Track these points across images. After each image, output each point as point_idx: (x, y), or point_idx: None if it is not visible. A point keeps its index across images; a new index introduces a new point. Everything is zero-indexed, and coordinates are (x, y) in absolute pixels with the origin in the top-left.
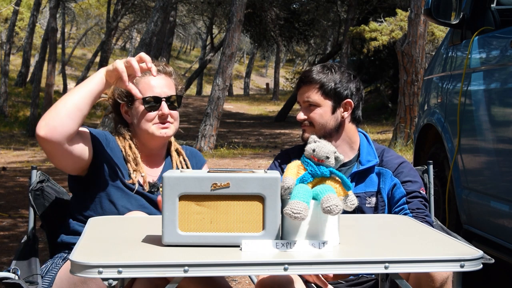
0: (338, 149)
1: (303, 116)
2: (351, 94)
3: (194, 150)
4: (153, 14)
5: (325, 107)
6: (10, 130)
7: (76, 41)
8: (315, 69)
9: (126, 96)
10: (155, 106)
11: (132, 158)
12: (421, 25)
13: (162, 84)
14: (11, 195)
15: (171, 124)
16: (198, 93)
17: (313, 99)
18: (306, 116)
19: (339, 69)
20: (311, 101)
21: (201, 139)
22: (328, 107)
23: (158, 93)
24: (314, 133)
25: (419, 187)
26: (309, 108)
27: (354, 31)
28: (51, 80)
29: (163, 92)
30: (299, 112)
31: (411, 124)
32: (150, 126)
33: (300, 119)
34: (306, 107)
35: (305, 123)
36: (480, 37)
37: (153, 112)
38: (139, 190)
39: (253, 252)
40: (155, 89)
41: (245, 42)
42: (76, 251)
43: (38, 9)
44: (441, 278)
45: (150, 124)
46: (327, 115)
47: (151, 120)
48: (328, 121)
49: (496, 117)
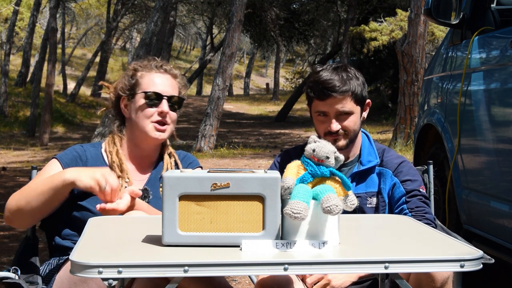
0: (350, 150)
1: (338, 126)
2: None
3: (188, 154)
4: (153, 14)
5: (357, 114)
6: (10, 130)
7: (76, 41)
8: (338, 78)
9: (129, 89)
10: (155, 103)
11: (116, 164)
12: (421, 25)
13: (166, 83)
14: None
15: (168, 126)
16: (198, 93)
17: (348, 108)
18: (340, 126)
19: (354, 71)
20: (347, 110)
21: (201, 139)
22: (358, 113)
23: (160, 90)
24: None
25: (418, 185)
26: (341, 117)
27: (354, 31)
28: (51, 80)
29: (166, 91)
30: (330, 124)
31: (411, 124)
32: (148, 123)
33: (336, 130)
34: (337, 116)
35: (340, 132)
36: (480, 37)
37: (153, 108)
38: None
39: (253, 252)
40: (158, 86)
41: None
42: (76, 251)
43: (38, 9)
44: (442, 278)
45: (148, 121)
46: (358, 120)
47: (149, 116)
48: (358, 126)
49: (496, 117)
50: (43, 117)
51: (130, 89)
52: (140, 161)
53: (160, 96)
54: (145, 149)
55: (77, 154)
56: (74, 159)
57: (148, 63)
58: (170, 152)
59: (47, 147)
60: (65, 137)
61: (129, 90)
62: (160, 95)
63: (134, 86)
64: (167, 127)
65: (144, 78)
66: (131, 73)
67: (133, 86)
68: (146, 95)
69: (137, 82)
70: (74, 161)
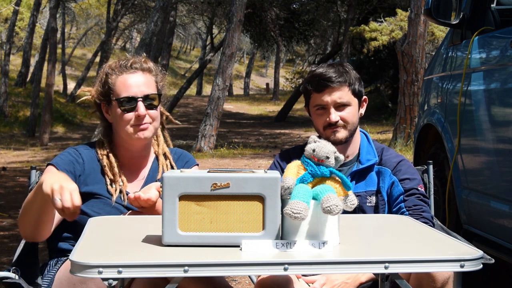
0: (349, 148)
1: (337, 117)
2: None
3: (184, 152)
4: (153, 14)
5: (354, 106)
6: (10, 130)
7: (76, 41)
8: (334, 70)
9: (104, 96)
10: (131, 107)
11: (108, 168)
12: (421, 25)
13: (139, 82)
14: (11, 195)
15: (150, 125)
16: (198, 93)
17: (346, 99)
18: (339, 117)
19: (348, 65)
20: (345, 101)
21: (201, 139)
22: (356, 106)
23: (134, 93)
24: (345, 133)
25: (416, 184)
26: (339, 108)
27: (354, 31)
28: (51, 80)
29: (140, 91)
30: (329, 115)
31: (411, 124)
32: (128, 128)
33: (335, 121)
34: (336, 107)
35: (339, 123)
36: (480, 37)
37: (130, 113)
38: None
39: (253, 252)
40: (131, 89)
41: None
42: (76, 251)
43: (38, 9)
44: (442, 279)
45: (128, 126)
46: (356, 113)
47: (128, 121)
48: (356, 119)
49: (496, 117)
50: (43, 117)
51: (105, 96)
52: (133, 161)
53: (134, 99)
54: (134, 151)
55: (73, 158)
56: (71, 163)
57: (117, 65)
58: (165, 153)
59: (47, 147)
60: (65, 137)
61: (104, 97)
62: (134, 98)
63: (108, 93)
64: (148, 125)
65: (116, 83)
66: (103, 79)
67: (107, 92)
68: (119, 102)
69: (109, 88)
70: (71, 165)
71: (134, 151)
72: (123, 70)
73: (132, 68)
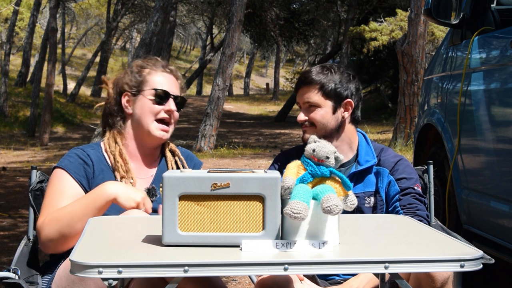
0: (338, 149)
1: (304, 117)
2: (351, 94)
3: (191, 154)
4: (153, 14)
5: (325, 108)
6: (10, 130)
7: (76, 41)
8: (315, 70)
9: (135, 86)
10: (163, 101)
11: (120, 165)
12: (421, 25)
13: (172, 82)
14: (11, 195)
15: (171, 127)
16: (198, 93)
17: (313, 100)
18: (307, 117)
19: (338, 69)
20: (312, 102)
21: (201, 139)
22: (329, 108)
23: (168, 89)
24: (315, 133)
25: (413, 183)
26: (310, 109)
27: (354, 31)
28: (51, 80)
29: (172, 90)
30: (299, 113)
31: (411, 124)
32: (152, 121)
33: (301, 120)
34: (306, 108)
35: (306, 123)
36: (480, 37)
37: (160, 106)
38: None
39: (253, 252)
40: (167, 85)
41: (245, 42)
42: (76, 251)
43: (38, 9)
44: (442, 278)
45: (152, 118)
46: (328, 115)
47: (156, 113)
48: (329, 121)
49: (496, 117)
50: (43, 117)
51: (136, 86)
52: (143, 158)
53: (168, 94)
54: (147, 147)
55: (82, 161)
56: (81, 168)
57: (155, 62)
58: (171, 149)
59: (47, 147)
60: (65, 137)
61: (135, 87)
62: (168, 94)
63: (141, 83)
64: (170, 127)
65: (152, 76)
66: (137, 69)
67: (140, 83)
68: (156, 92)
69: (144, 79)
70: (81, 168)
71: (148, 147)
72: (160, 68)
73: (168, 68)
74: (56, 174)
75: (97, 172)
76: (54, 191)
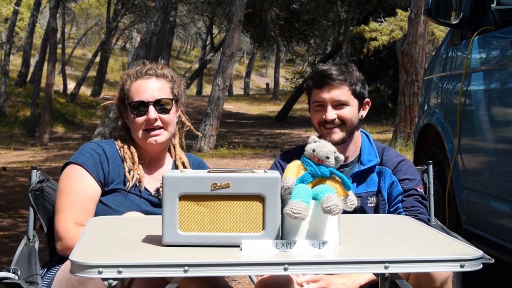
0: (347, 149)
1: (334, 115)
2: (367, 93)
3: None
4: (153, 14)
5: (353, 106)
6: (10, 130)
7: (76, 41)
8: (336, 68)
9: (121, 101)
10: (142, 111)
11: (128, 156)
12: (421, 25)
13: (152, 88)
14: (11, 195)
15: (163, 130)
16: (198, 93)
17: (345, 98)
18: (336, 115)
19: (354, 66)
20: (343, 100)
21: (201, 139)
22: (356, 106)
23: (145, 98)
24: (344, 132)
25: (416, 184)
26: (338, 107)
27: (354, 31)
28: (51, 80)
29: (151, 96)
30: (325, 112)
31: (411, 124)
32: (140, 132)
33: (331, 119)
34: (334, 106)
35: (336, 121)
36: (480, 37)
37: (142, 117)
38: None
39: (253, 252)
40: (143, 94)
41: (245, 42)
42: (76, 251)
43: (38, 9)
44: (441, 278)
45: (140, 130)
46: (355, 114)
47: (139, 125)
48: (355, 120)
49: (496, 117)
50: (43, 117)
51: (122, 101)
52: (150, 161)
53: (145, 103)
54: (151, 152)
55: (98, 156)
56: (98, 165)
57: (134, 71)
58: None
59: (47, 147)
60: (65, 137)
61: (122, 102)
62: (144, 103)
63: (124, 98)
64: (161, 130)
65: (130, 89)
66: (121, 83)
67: (123, 98)
68: (131, 106)
69: (125, 94)
70: (99, 164)
71: (151, 152)
72: (138, 77)
73: (146, 74)
74: (72, 171)
75: (111, 167)
76: (73, 190)
